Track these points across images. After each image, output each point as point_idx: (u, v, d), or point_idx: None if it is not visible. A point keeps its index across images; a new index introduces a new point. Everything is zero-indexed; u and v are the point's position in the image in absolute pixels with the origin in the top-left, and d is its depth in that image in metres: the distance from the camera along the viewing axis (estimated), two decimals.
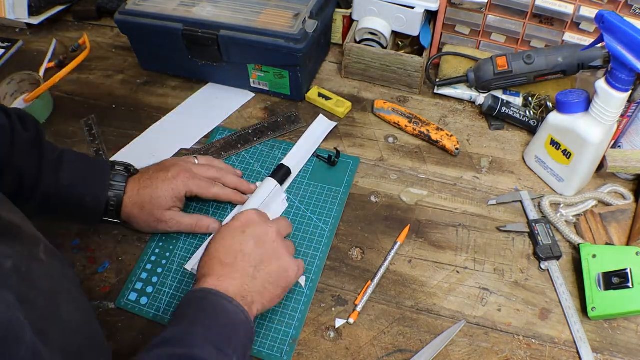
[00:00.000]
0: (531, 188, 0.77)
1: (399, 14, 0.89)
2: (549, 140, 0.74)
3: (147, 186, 0.67)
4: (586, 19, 0.78)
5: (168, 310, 0.65)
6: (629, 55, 0.59)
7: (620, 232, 0.69)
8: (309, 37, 0.81)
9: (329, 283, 0.67)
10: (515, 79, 0.83)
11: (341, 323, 0.63)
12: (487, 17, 0.86)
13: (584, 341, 0.61)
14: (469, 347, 0.61)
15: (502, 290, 0.66)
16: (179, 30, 0.84)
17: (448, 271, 0.68)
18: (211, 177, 0.72)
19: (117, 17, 0.88)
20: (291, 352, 0.61)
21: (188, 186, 0.69)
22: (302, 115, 0.88)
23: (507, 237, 0.71)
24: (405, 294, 0.66)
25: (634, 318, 0.63)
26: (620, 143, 0.76)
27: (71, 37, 1.07)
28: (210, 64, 0.89)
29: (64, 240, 0.72)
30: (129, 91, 0.95)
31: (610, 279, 0.61)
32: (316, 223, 0.73)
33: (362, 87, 0.93)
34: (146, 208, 0.67)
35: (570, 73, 0.81)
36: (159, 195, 0.67)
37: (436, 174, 0.79)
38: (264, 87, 0.91)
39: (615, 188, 0.75)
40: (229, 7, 0.86)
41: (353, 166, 0.80)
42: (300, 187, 0.77)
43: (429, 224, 0.73)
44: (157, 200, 0.67)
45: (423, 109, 0.89)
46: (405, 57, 0.87)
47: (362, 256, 0.70)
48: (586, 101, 0.68)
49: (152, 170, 0.70)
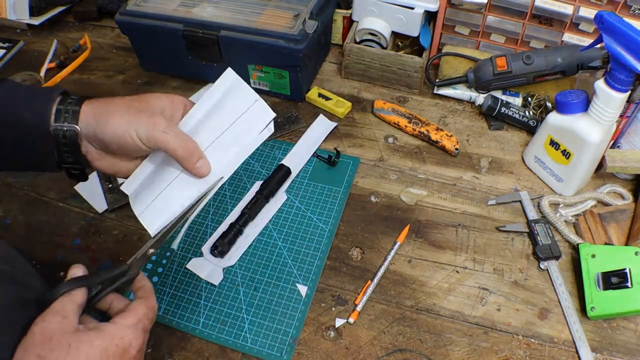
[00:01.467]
0: (530, 188, 0.77)
1: (399, 15, 0.89)
2: (548, 140, 0.74)
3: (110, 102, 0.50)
4: (585, 20, 0.78)
5: (169, 310, 0.65)
6: (628, 55, 0.59)
7: (619, 232, 0.69)
8: (309, 38, 0.81)
9: (329, 283, 0.67)
10: (514, 80, 0.83)
11: (341, 323, 0.64)
12: (486, 18, 0.86)
13: (583, 341, 0.61)
14: (469, 346, 0.61)
15: (501, 290, 0.66)
16: (179, 31, 0.85)
17: (448, 271, 0.68)
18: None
19: (118, 17, 0.88)
20: (291, 351, 0.61)
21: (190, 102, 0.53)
22: (302, 115, 0.88)
23: (507, 237, 0.71)
24: (405, 293, 0.66)
25: (633, 318, 0.63)
26: (619, 143, 0.76)
27: (72, 37, 1.08)
28: (211, 64, 0.89)
29: (64, 240, 0.72)
30: (130, 91, 0.95)
31: (610, 278, 0.61)
32: (316, 223, 0.73)
33: (362, 88, 0.93)
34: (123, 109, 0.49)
35: (569, 73, 0.81)
36: (147, 97, 0.51)
37: (436, 174, 0.80)
38: (264, 87, 0.91)
39: (614, 188, 0.75)
40: (229, 8, 0.86)
41: (353, 166, 0.80)
42: (300, 187, 0.78)
43: (429, 224, 0.73)
44: (139, 102, 0.50)
45: (423, 109, 0.89)
46: (405, 58, 0.87)
47: (362, 256, 0.70)
48: (585, 101, 0.68)
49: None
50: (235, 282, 0.67)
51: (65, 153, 0.49)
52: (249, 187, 0.78)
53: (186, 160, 0.50)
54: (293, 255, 0.70)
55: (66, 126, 0.48)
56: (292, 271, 0.68)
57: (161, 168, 0.53)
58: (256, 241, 0.72)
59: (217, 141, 0.53)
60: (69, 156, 0.50)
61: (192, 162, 0.50)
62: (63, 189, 0.79)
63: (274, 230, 0.73)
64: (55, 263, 0.70)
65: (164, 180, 0.53)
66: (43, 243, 0.72)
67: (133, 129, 0.48)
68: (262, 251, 0.70)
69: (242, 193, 0.77)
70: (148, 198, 0.52)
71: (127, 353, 0.43)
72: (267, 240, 0.72)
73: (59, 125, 0.48)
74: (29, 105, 0.48)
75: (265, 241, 0.72)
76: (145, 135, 0.48)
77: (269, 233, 0.72)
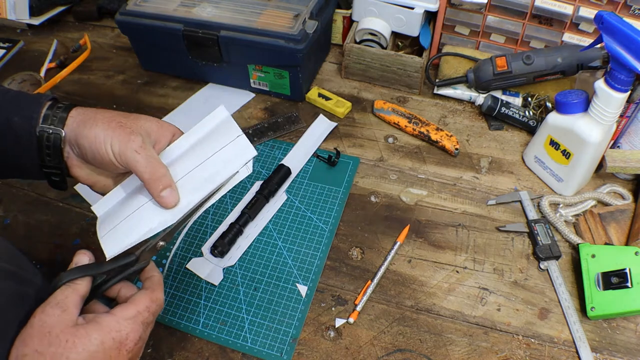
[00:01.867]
0: (530, 188, 0.77)
1: (399, 15, 0.89)
2: (548, 140, 0.74)
3: (99, 111, 0.51)
4: (585, 20, 0.78)
5: (168, 309, 0.65)
6: (628, 55, 0.59)
7: (619, 232, 0.69)
8: (309, 38, 0.81)
9: (329, 283, 0.67)
10: (514, 80, 0.83)
11: (341, 323, 0.64)
12: (486, 18, 0.86)
13: (583, 341, 0.61)
14: (469, 346, 0.61)
15: (501, 290, 0.66)
16: (179, 31, 0.85)
17: (448, 271, 0.68)
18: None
19: (118, 17, 0.88)
20: (291, 351, 0.61)
21: (160, 123, 0.53)
22: (302, 115, 0.88)
23: (507, 237, 0.71)
24: (405, 293, 0.66)
25: (633, 318, 0.63)
26: (619, 143, 0.76)
27: (72, 37, 1.08)
28: (211, 64, 0.89)
29: (64, 240, 0.72)
30: (130, 91, 0.95)
31: (610, 278, 0.61)
32: (316, 223, 0.73)
33: (362, 88, 0.93)
34: (106, 120, 0.49)
35: (569, 73, 0.81)
36: (137, 117, 0.52)
37: (436, 174, 0.80)
38: (264, 88, 0.91)
39: (614, 188, 0.75)
40: (229, 8, 0.86)
41: (353, 166, 0.80)
42: (300, 187, 0.78)
43: (429, 224, 0.73)
44: (127, 119, 0.50)
45: (423, 109, 0.89)
46: (405, 58, 0.87)
47: (362, 256, 0.70)
48: (585, 101, 0.69)
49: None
50: (235, 282, 0.67)
51: (47, 156, 0.50)
52: (249, 187, 0.78)
53: (152, 185, 0.48)
54: (293, 255, 0.70)
55: (52, 129, 0.49)
56: (292, 271, 0.68)
57: (133, 193, 0.52)
58: (256, 241, 0.72)
59: (193, 172, 0.51)
60: (51, 160, 0.50)
61: (157, 189, 0.48)
62: None
63: (274, 230, 0.73)
64: (55, 263, 0.70)
65: (133, 205, 0.51)
66: (43, 243, 0.72)
67: (109, 141, 0.48)
68: (262, 251, 0.70)
69: (242, 193, 0.77)
70: (113, 222, 0.50)
71: (124, 346, 0.43)
72: (267, 240, 0.72)
73: (45, 126, 0.49)
74: (18, 110, 0.49)
75: (265, 241, 0.72)
76: (118, 150, 0.48)
77: (269, 233, 0.72)
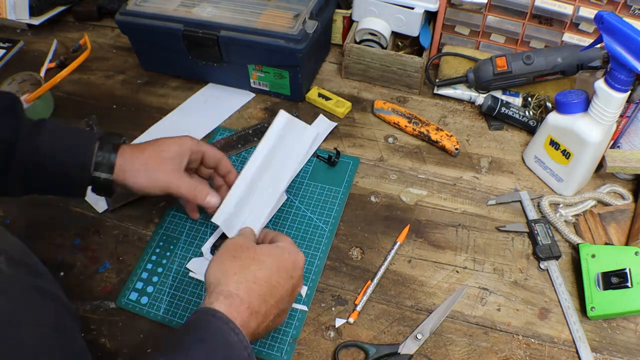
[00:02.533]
0: (530, 188, 0.77)
1: (399, 15, 0.89)
2: (548, 140, 0.74)
3: (145, 146, 0.64)
4: (585, 20, 0.78)
5: (169, 309, 0.65)
6: (628, 55, 0.59)
7: (619, 232, 0.69)
8: (309, 38, 0.81)
9: (329, 283, 0.67)
10: (514, 80, 0.83)
11: (341, 322, 0.64)
12: (486, 18, 0.86)
13: (583, 341, 0.61)
14: (469, 346, 0.61)
15: (501, 290, 0.66)
16: (179, 31, 0.85)
17: (448, 271, 0.68)
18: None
19: (118, 17, 0.88)
20: (291, 351, 0.61)
21: (197, 144, 0.66)
22: (302, 115, 0.88)
23: (507, 237, 0.71)
24: (405, 293, 0.66)
25: (633, 318, 0.63)
26: (619, 143, 0.76)
27: (72, 37, 1.08)
28: (211, 65, 0.89)
29: (64, 240, 0.72)
30: (130, 91, 0.95)
31: (610, 278, 0.62)
32: (316, 223, 0.73)
33: (362, 88, 0.93)
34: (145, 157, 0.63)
35: (569, 73, 0.82)
36: (161, 146, 0.64)
37: (436, 174, 0.80)
38: (264, 88, 0.91)
39: (614, 188, 0.75)
40: (229, 8, 0.86)
41: (353, 166, 0.80)
42: (300, 187, 0.78)
43: (429, 224, 0.73)
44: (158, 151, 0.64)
45: (423, 109, 0.89)
46: (405, 58, 0.87)
47: (362, 256, 0.70)
48: (585, 101, 0.69)
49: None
50: None
51: (99, 192, 0.63)
52: None
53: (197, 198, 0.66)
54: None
55: (103, 175, 0.60)
56: None
57: (242, 199, 0.68)
58: None
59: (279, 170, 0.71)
60: (102, 194, 0.64)
61: (203, 199, 0.67)
62: None
63: (274, 230, 0.73)
64: (55, 263, 0.70)
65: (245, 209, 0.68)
66: (43, 243, 0.72)
67: (153, 185, 0.63)
68: None
69: None
70: (238, 224, 0.67)
71: (297, 263, 0.57)
72: None
73: (97, 174, 0.60)
74: (70, 153, 0.59)
75: None
76: (160, 188, 0.63)
77: None
